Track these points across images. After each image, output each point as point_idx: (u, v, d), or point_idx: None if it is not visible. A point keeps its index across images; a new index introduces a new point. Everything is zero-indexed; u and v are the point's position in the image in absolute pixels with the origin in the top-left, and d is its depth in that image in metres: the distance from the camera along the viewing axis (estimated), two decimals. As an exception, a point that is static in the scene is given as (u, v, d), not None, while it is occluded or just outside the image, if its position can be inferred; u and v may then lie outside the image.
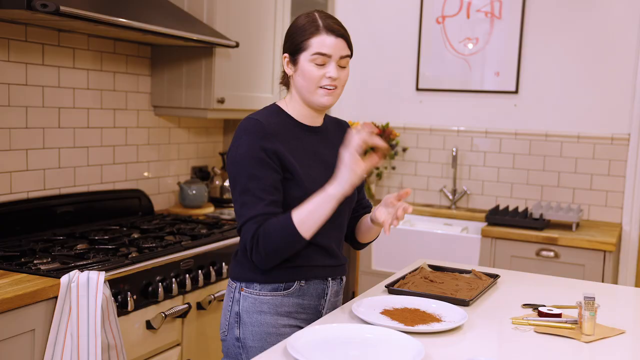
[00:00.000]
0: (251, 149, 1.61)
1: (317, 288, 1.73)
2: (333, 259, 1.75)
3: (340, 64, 1.66)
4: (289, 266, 1.67)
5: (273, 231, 1.57)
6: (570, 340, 1.54)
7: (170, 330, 2.33)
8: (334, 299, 1.79)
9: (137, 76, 2.97)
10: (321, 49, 1.63)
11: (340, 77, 1.66)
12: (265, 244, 1.58)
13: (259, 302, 1.68)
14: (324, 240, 1.69)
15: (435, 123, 3.84)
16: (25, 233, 2.41)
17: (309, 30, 1.64)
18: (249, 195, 1.60)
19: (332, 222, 1.69)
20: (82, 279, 1.91)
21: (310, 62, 1.64)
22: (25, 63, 2.42)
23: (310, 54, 1.64)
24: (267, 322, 1.68)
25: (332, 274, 1.76)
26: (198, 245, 2.45)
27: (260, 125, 1.63)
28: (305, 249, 1.67)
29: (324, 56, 1.63)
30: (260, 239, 1.58)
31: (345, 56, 1.67)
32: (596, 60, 3.46)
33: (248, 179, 1.60)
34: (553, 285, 2.08)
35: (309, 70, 1.64)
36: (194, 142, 3.35)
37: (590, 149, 3.50)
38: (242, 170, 1.61)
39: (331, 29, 1.64)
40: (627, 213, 3.42)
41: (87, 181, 2.74)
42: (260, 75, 3.20)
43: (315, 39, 1.63)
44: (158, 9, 2.60)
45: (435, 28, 3.79)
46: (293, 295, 1.70)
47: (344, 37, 1.66)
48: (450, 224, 3.64)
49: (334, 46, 1.63)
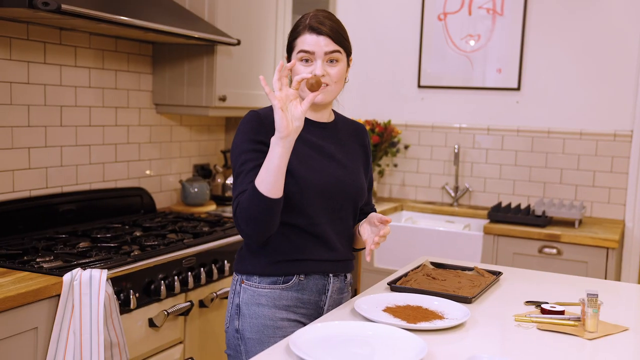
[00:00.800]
0: (245, 138, 1.66)
1: (317, 283, 1.74)
2: (333, 252, 1.74)
3: (329, 60, 1.68)
4: (287, 259, 1.69)
5: (244, 202, 1.59)
6: (573, 338, 1.54)
7: (173, 328, 2.33)
8: (337, 296, 1.79)
9: (139, 74, 2.97)
10: (303, 46, 1.67)
11: (330, 74, 1.68)
12: (242, 216, 1.60)
13: (257, 294, 1.70)
14: (318, 230, 1.70)
15: (437, 120, 3.84)
16: (28, 231, 2.41)
17: (296, 30, 1.71)
18: (239, 178, 1.65)
19: (331, 215, 1.71)
20: (85, 277, 1.91)
21: (298, 61, 1.68)
22: (27, 61, 2.42)
23: (296, 52, 1.69)
24: (264, 315, 1.69)
25: (333, 270, 1.76)
26: (200, 243, 2.45)
27: (257, 117, 1.69)
28: (302, 241, 1.69)
29: (307, 53, 1.67)
30: (238, 214, 1.60)
31: (332, 51, 1.67)
32: (598, 56, 3.45)
33: (240, 164, 1.65)
34: (556, 282, 2.08)
35: (297, 69, 1.68)
36: (195, 140, 3.36)
37: (593, 146, 3.49)
38: (236, 157, 1.67)
39: (312, 28, 1.67)
40: (629, 210, 3.42)
41: (89, 179, 2.74)
42: (262, 73, 3.20)
43: (299, 38, 1.69)
44: (159, 7, 2.60)
45: (437, 25, 3.78)
46: (292, 289, 1.71)
47: (327, 34, 1.67)
48: (453, 222, 3.63)
49: (315, 44, 1.66)
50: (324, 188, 1.69)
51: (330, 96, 1.71)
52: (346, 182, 1.74)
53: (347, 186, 1.74)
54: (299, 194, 1.65)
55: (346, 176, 1.75)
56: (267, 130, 1.64)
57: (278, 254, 1.69)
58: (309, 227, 1.69)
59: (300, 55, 1.67)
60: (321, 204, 1.69)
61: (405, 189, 3.94)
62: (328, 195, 1.70)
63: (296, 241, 1.70)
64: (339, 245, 1.76)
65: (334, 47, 1.68)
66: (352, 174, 1.77)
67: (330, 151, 1.75)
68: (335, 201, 1.72)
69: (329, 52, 1.67)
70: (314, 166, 1.69)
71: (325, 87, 1.68)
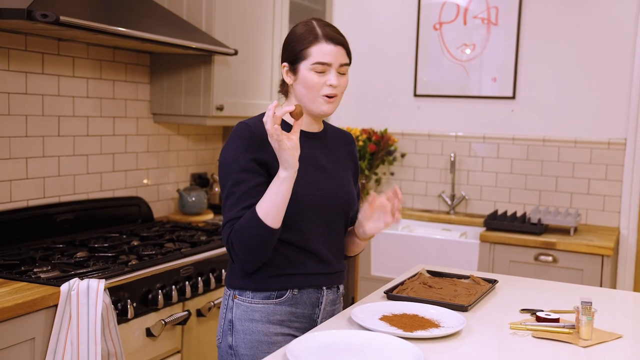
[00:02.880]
0: (237, 154, 1.63)
1: (311, 297, 1.73)
2: (326, 265, 1.73)
3: (339, 72, 1.68)
4: (280, 274, 1.67)
5: (242, 229, 1.58)
6: (568, 345, 1.55)
7: (170, 338, 2.33)
8: (330, 307, 1.78)
9: (137, 84, 2.98)
10: (321, 57, 1.64)
11: (340, 85, 1.68)
12: (239, 245, 1.59)
13: (250, 310, 1.68)
14: (311, 245, 1.69)
15: (433, 129, 3.86)
16: (25, 241, 2.41)
17: (308, 39, 1.65)
18: (230, 199, 1.63)
19: (323, 228, 1.70)
20: (82, 287, 1.91)
21: (311, 70, 1.65)
22: (25, 72, 2.43)
23: (311, 62, 1.64)
24: (258, 330, 1.67)
25: (327, 283, 1.75)
26: (198, 252, 2.46)
27: (249, 131, 1.64)
28: (296, 256, 1.68)
29: (324, 65, 1.64)
30: (234, 241, 1.59)
31: (344, 64, 1.68)
32: (592, 65, 3.48)
33: (232, 184, 1.62)
34: (551, 290, 2.09)
35: (310, 79, 1.65)
36: (193, 149, 3.37)
37: (588, 154, 3.51)
38: (228, 175, 1.64)
39: (330, 37, 1.65)
40: (624, 217, 3.43)
41: (87, 189, 2.75)
42: (259, 83, 3.21)
43: (315, 48, 1.64)
44: (157, 18, 2.62)
45: (433, 34, 3.81)
46: (286, 303, 1.69)
47: (343, 45, 1.67)
48: (449, 229, 3.65)
49: (334, 54, 1.65)
50: (317, 202, 1.68)
51: (336, 106, 1.71)
52: (338, 195, 1.73)
53: (339, 198, 1.74)
54: (294, 210, 1.63)
55: (338, 188, 1.74)
56: (259, 145, 1.63)
57: (271, 268, 1.67)
58: (302, 242, 1.68)
59: (316, 66, 1.64)
60: (314, 218, 1.69)
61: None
62: (321, 209, 1.69)
63: (289, 256, 1.68)
64: (331, 258, 1.75)
65: (347, 60, 1.69)
66: (343, 185, 1.76)
67: (322, 162, 1.73)
68: (327, 214, 1.71)
69: (344, 64, 1.67)
70: (308, 180, 1.67)
71: (334, 97, 1.68)
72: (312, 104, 1.68)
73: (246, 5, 3.08)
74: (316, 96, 1.66)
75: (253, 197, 1.61)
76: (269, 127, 1.52)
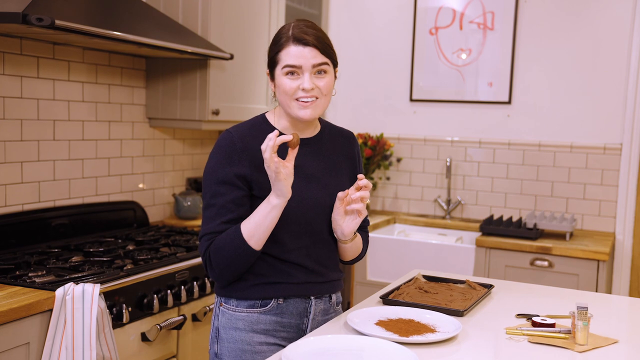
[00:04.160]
0: (217, 165, 1.61)
1: (297, 306, 1.69)
2: (314, 275, 1.70)
3: (317, 73, 1.60)
4: (264, 282, 1.65)
5: (224, 246, 1.57)
6: (563, 350, 1.55)
7: (166, 342, 2.33)
8: (321, 317, 1.74)
9: (132, 88, 2.98)
10: (289, 60, 1.58)
11: (319, 87, 1.60)
12: (218, 260, 1.58)
13: (234, 318, 1.67)
14: (292, 257, 1.66)
15: (429, 133, 3.87)
16: (20, 246, 2.41)
17: (279, 42, 1.60)
18: (208, 211, 1.62)
19: (310, 238, 1.67)
20: (77, 291, 1.91)
21: (284, 75, 1.60)
22: (20, 76, 2.43)
23: (281, 67, 1.60)
24: (241, 339, 1.65)
25: (315, 292, 1.71)
26: (193, 256, 2.45)
27: (231, 142, 1.61)
28: (281, 266, 1.65)
29: (293, 67, 1.58)
30: (212, 255, 1.59)
31: (320, 64, 1.59)
32: (588, 70, 3.49)
33: (210, 195, 1.61)
34: (547, 295, 2.09)
35: (283, 84, 1.60)
36: (188, 154, 3.36)
37: (583, 159, 3.52)
38: (208, 186, 1.63)
39: (298, 39, 1.57)
40: (620, 222, 3.44)
41: (82, 193, 2.74)
42: (255, 87, 3.22)
43: (283, 51, 1.59)
44: (153, 22, 2.62)
45: (429, 39, 3.82)
46: (270, 313, 1.66)
47: (315, 45, 1.58)
48: (445, 234, 3.65)
49: (302, 56, 1.57)
50: (299, 214, 1.64)
51: (319, 110, 1.63)
52: (326, 204, 1.68)
53: (327, 208, 1.68)
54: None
55: (326, 197, 1.68)
56: (240, 157, 1.60)
57: (255, 277, 1.65)
58: (283, 254, 1.65)
59: (286, 70, 1.58)
60: (296, 230, 1.65)
61: (397, 202, 3.96)
62: (305, 220, 1.65)
63: (274, 265, 1.65)
64: (319, 268, 1.70)
65: (322, 59, 1.59)
66: (333, 194, 1.69)
67: (311, 170, 1.68)
68: (312, 226, 1.67)
69: (317, 64, 1.59)
70: (293, 188, 1.59)
71: (315, 100, 1.60)
72: (289, 110, 1.62)
73: (242, 9, 3.08)
74: (290, 101, 1.61)
75: (231, 212, 1.59)
76: (267, 156, 1.49)
